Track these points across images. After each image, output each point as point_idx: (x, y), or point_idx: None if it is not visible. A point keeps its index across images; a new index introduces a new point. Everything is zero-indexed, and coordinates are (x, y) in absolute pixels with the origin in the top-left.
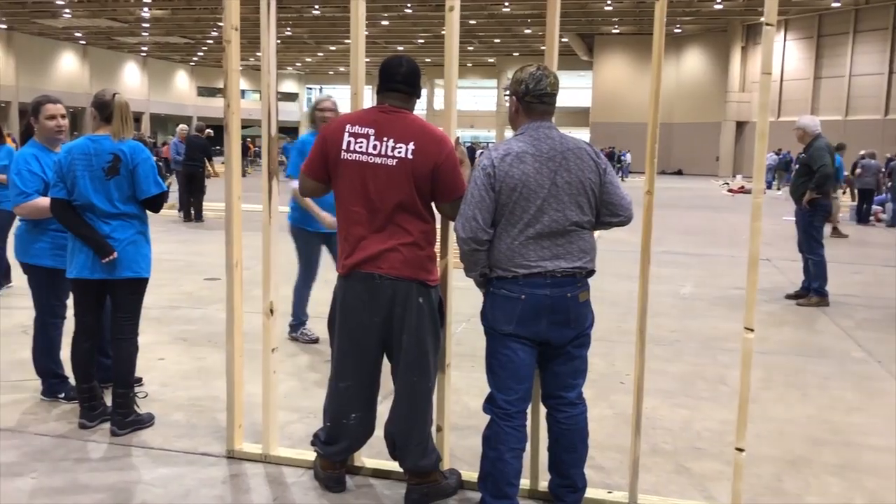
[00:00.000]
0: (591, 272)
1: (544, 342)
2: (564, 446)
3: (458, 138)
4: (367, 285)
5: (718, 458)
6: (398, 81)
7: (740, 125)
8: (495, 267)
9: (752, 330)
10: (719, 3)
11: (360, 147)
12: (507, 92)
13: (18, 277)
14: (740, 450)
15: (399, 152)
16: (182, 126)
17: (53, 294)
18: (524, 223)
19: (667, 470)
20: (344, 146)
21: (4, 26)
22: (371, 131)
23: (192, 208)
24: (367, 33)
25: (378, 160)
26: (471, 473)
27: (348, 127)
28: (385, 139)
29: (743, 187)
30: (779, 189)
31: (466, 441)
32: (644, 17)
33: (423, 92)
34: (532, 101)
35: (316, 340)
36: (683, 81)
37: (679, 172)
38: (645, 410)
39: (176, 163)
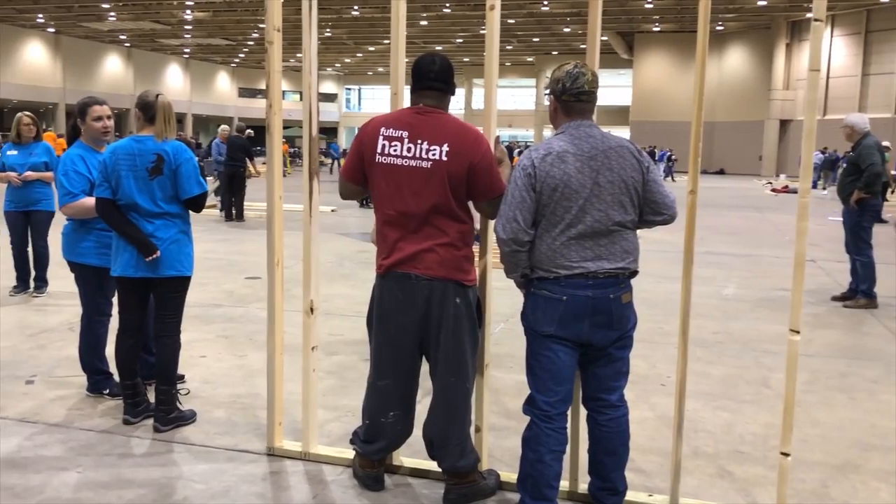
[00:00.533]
0: (635, 273)
1: (586, 344)
2: (605, 449)
3: (497, 137)
4: (403, 285)
5: (762, 463)
6: (431, 79)
7: (784, 123)
8: (536, 267)
9: (797, 332)
10: (763, 0)
11: (395, 150)
12: (547, 91)
13: (66, 277)
14: (785, 454)
15: (433, 154)
16: (223, 127)
17: (99, 292)
18: (566, 223)
19: (709, 473)
20: (378, 149)
21: (52, 30)
22: (405, 134)
23: (233, 208)
24: (406, 33)
25: (412, 163)
26: (510, 474)
27: (383, 130)
28: (419, 141)
29: (787, 187)
30: (824, 189)
31: (505, 442)
32: (685, 15)
33: (461, 91)
34: (569, 100)
35: None
36: (726, 79)
37: (721, 172)
38: (686, 413)
39: (217, 163)
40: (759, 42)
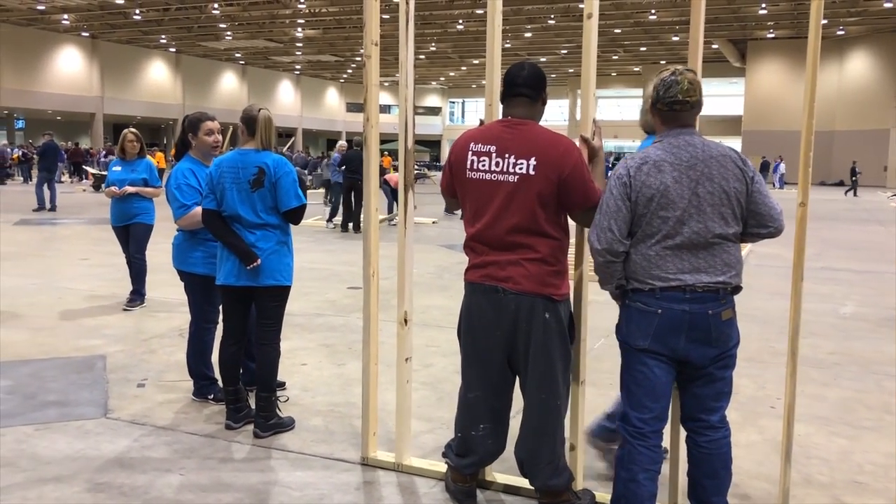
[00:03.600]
0: (737, 288)
1: (683, 360)
2: (705, 471)
3: (588, 136)
4: (490, 298)
5: (883, 495)
6: (519, 85)
7: None
8: (631, 278)
9: None
10: (889, 2)
11: (483, 165)
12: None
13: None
14: None
15: (520, 168)
16: (342, 143)
17: (207, 300)
18: (662, 234)
19: None
20: (468, 165)
21: (173, 49)
22: (493, 148)
23: (350, 220)
24: (508, 45)
25: (500, 178)
26: (605, 494)
27: (472, 145)
28: (507, 156)
29: None
30: None
31: (602, 461)
32: (802, 20)
33: (565, 102)
34: (662, 109)
35: None
36: (846, 86)
37: (840, 183)
38: (798, 438)
39: (336, 174)
40: (884, 46)
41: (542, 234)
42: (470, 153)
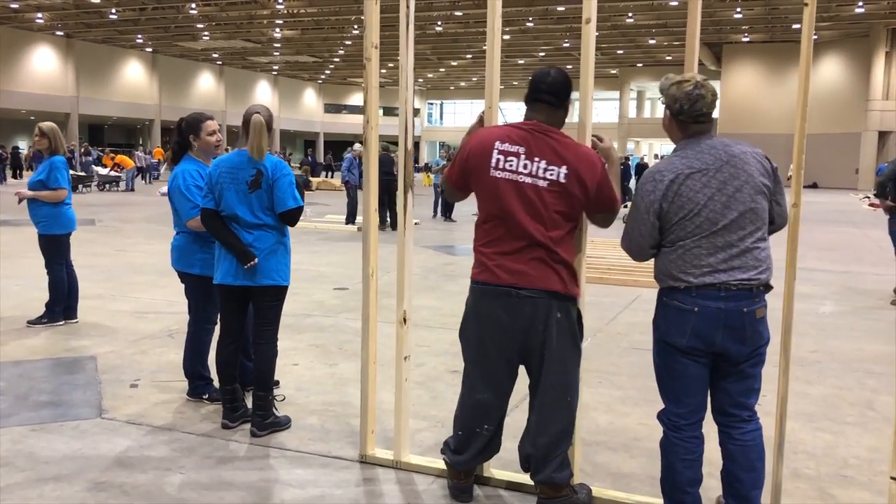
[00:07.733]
0: (769, 286)
1: (719, 354)
2: (742, 465)
3: (594, 138)
4: (504, 301)
5: (868, 488)
6: (543, 91)
7: (883, 135)
8: (666, 276)
9: None
10: (861, 7)
11: (511, 165)
12: (663, 101)
13: (165, 286)
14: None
15: (551, 174)
16: (357, 145)
17: (207, 301)
18: (694, 235)
19: (811, 497)
20: (493, 163)
21: (150, 49)
22: (521, 150)
23: (382, 218)
24: (486, 47)
25: (528, 180)
26: (601, 489)
27: (497, 144)
28: (536, 160)
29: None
30: None
31: (596, 457)
32: (776, 25)
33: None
34: (686, 121)
35: None
36: (819, 90)
37: (814, 185)
38: (784, 433)
39: (347, 174)
40: (855, 51)
41: (560, 239)
42: (496, 151)
